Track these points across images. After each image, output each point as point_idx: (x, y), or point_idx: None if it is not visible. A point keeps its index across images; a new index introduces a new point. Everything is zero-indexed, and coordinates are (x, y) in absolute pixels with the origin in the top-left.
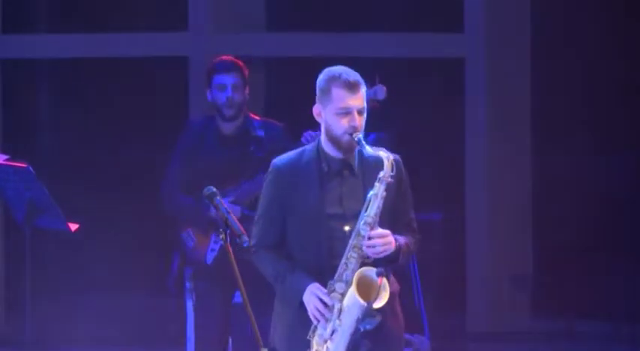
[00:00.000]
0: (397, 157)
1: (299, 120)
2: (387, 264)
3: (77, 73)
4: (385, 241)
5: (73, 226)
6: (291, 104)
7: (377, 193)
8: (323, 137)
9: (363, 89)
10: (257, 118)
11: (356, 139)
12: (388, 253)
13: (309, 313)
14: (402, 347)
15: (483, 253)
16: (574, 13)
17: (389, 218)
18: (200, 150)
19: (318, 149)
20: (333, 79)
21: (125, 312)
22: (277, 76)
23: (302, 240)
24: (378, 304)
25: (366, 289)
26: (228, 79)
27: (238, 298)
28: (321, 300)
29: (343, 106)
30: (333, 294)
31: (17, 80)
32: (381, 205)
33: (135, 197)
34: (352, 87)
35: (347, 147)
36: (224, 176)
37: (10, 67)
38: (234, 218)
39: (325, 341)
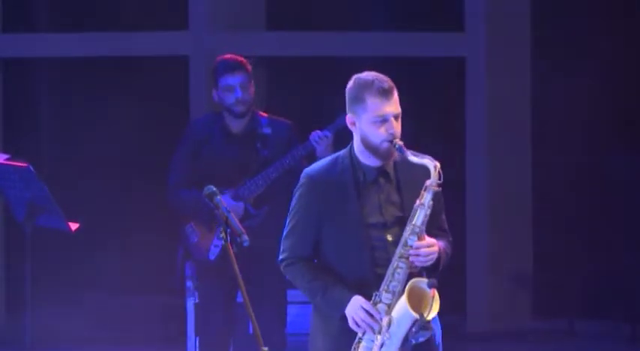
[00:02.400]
0: (436, 165)
1: (300, 119)
2: (431, 271)
3: (78, 72)
4: (431, 249)
5: (74, 226)
6: (292, 103)
7: (424, 202)
8: (357, 146)
9: (396, 94)
10: (265, 115)
11: (396, 146)
12: (433, 261)
13: (351, 325)
14: None
15: (483, 252)
16: (574, 12)
17: (428, 223)
18: (206, 146)
19: (352, 158)
20: (366, 87)
21: (125, 312)
22: (278, 76)
23: (342, 251)
24: (430, 316)
25: (418, 301)
26: (235, 80)
27: (240, 297)
28: (367, 311)
29: (380, 114)
30: (378, 305)
31: (18, 79)
32: (428, 213)
33: (136, 197)
34: (387, 93)
35: (386, 155)
36: (229, 173)
37: (11, 66)
38: (234, 217)
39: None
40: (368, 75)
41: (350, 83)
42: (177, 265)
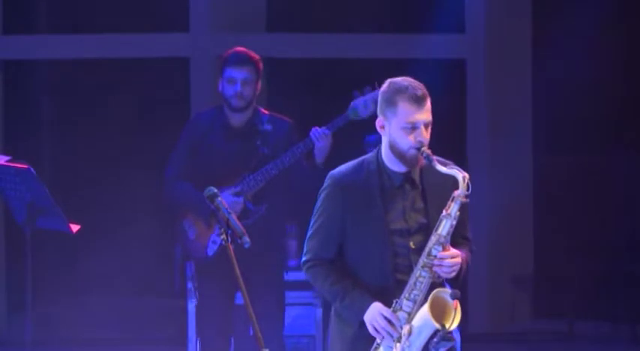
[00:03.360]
0: (464, 176)
1: (300, 120)
2: (452, 281)
3: (78, 74)
4: (455, 261)
5: (74, 227)
6: (292, 105)
7: (450, 212)
8: (385, 151)
9: (429, 102)
10: (266, 112)
11: (424, 155)
12: (456, 272)
13: (371, 331)
14: None
15: (484, 253)
16: (574, 14)
17: (450, 233)
18: (206, 140)
19: (378, 162)
20: (399, 92)
21: (126, 312)
22: (278, 77)
23: (364, 256)
24: (451, 327)
25: (439, 311)
26: (239, 74)
27: (240, 299)
28: (387, 319)
29: (410, 120)
30: (399, 313)
31: (18, 81)
32: (454, 224)
33: (136, 198)
34: (419, 101)
35: (412, 162)
36: (228, 167)
37: (12, 68)
38: (235, 219)
39: None
40: (403, 80)
41: (384, 86)
42: (175, 265)
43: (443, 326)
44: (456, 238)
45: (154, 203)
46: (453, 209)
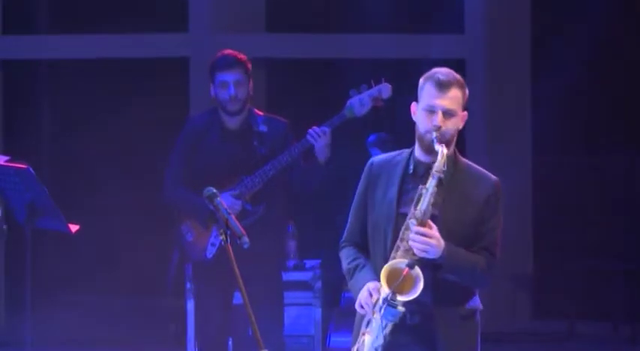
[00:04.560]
0: (494, 178)
1: (299, 120)
2: (435, 271)
3: (78, 74)
4: (428, 240)
5: (74, 228)
6: (292, 105)
7: (427, 187)
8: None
9: (457, 91)
10: (261, 113)
11: (431, 137)
12: (431, 254)
13: (356, 306)
14: None
15: None
16: (574, 14)
17: (464, 234)
18: (203, 143)
19: (412, 151)
20: (428, 77)
21: (125, 312)
22: (278, 77)
23: (375, 235)
24: (404, 297)
25: (394, 279)
26: (230, 77)
27: (239, 299)
28: (369, 292)
29: (430, 103)
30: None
31: (18, 81)
32: (432, 200)
33: (136, 198)
34: (442, 86)
35: (428, 147)
36: (225, 170)
37: (11, 68)
38: (235, 219)
39: (363, 334)
40: (438, 68)
41: None
42: (170, 267)
43: (393, 293)
44: (475, 246)
45: (153, 203)
46: (430, 184)
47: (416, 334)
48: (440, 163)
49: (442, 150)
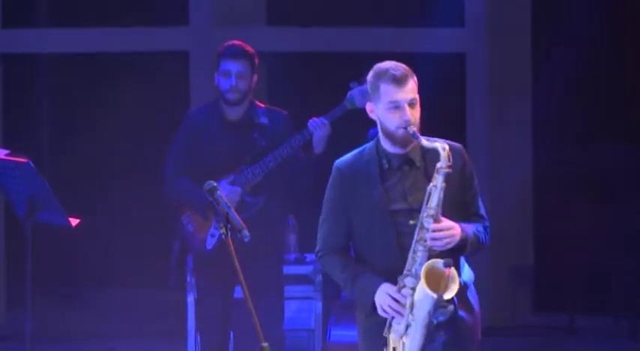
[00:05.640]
0: (459, 146)
1: (300, 114)
2: (455, 254)
3: (78, 68)
4: (448, 233)
5: (74, 222)
6: (292, 99)
7: (436, 184)
8: (380, 134)
9: (412, 81)
10: (261, 105)
11: (410, 132)
12: (453, 244)
13: (380, 312)
14: (477, 335)
15: None
16: (574, 7)
17: (456, 209)
18: (204, 135)
19: (377, 147)
20: (380, 76)
21: (125, 307)
22: (278, 71)
23: (369, 238)
24: (448, 295)
25: (435, 281)
26: (233, 67)
27: (239, 293)
28: (393, 298)
29: (392, 100)
30: (404, 290)
31: (18, 75)
32: (442, 196)
33: (136, 192)
34: (399, 81)
35: (402, 141)
36: (226, 161)
37: (11, 62)
38: (235, 213)
39: (401, 337)
40: (384, 64)
41: (370, 73)
42: (171, 260)
43: (439, 295)
44: (470, 216)
45: (153, 197)
46: (438, 180)
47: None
48: (444, 159)
49: (441, 146)
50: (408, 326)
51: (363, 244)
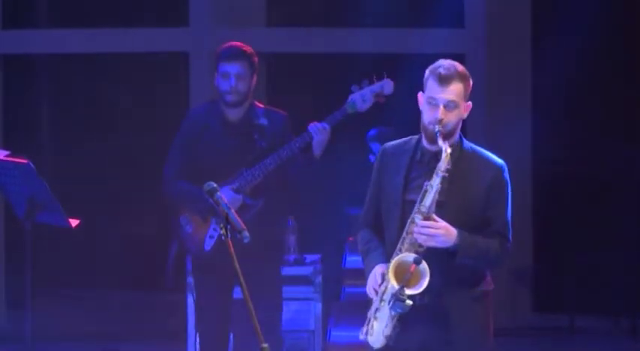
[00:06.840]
0: (498, 163)
1: (299, 115)
2: (449, 257)
3: (78, 68)
4: (436, 231)
5: (74, 222)
6: (292, 100)
7: (432, 184)
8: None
9: (460, 85)
10: (261, 106)
11: (434, 130)
12: (441, 243)
13: (367, 290)
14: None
15: None
16: (573, 7)
17: (469, 219)
18: (204, 136)
19: (419, 139)
20: (432, 70)
21: (125, 307)
22: (278, 72)
23: (386, 219)
24: (412, 291)
25: (402, 274)
26: (232, 68)
27: (239, 294)
28: (376, 278)
29: (431, 96)
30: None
31: (18, 75)
32: (436, 197)
33: (135, 193)
34: (443, 80)
35: (430, 137)
36: (226, 163)
37: (11, 63)
38: (234, 214)
39: (369, 320)
40: (442, 61)
41: None
42: (168, 262)
43: (400, 287)
44: (486, 230)
45: (153, 198)
46: (434, 181)
47: (426, 313)
48: (444, 162)
49: (446, 148)
50: (377, 310)
51: (383, 225)
